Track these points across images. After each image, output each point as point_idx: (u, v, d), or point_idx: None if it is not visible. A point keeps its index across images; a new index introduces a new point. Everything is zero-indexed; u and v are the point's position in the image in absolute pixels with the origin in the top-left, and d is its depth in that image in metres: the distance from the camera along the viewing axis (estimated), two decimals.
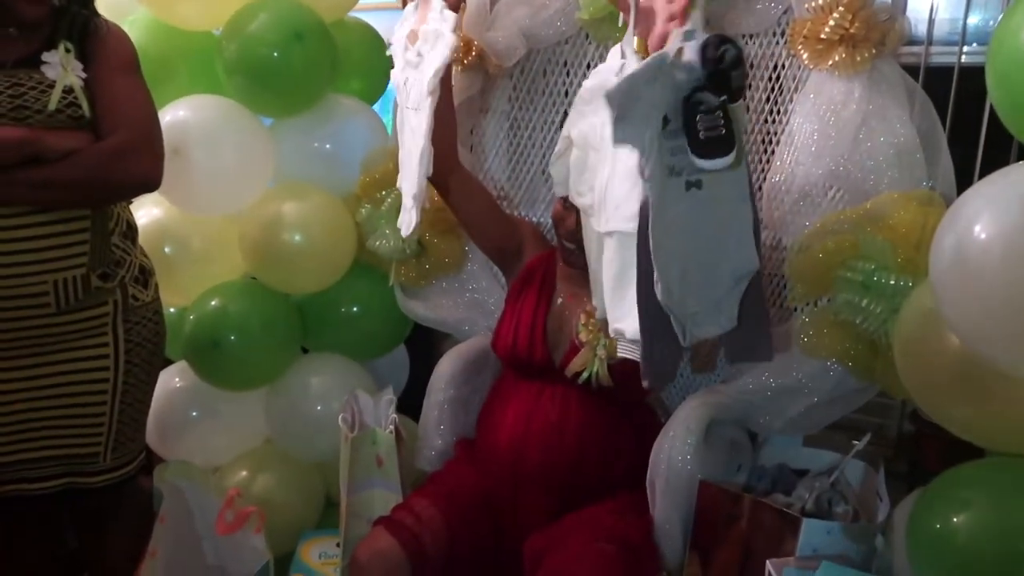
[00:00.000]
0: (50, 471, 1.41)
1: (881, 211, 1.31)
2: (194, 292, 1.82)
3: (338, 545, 1.65)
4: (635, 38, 1.17)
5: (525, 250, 1.57)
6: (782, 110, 1.50)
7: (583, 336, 1.41)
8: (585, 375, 1.40)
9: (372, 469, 1.59)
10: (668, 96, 1.00)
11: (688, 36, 1.01)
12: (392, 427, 1.60)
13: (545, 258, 1.54)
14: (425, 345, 2.23)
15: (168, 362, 1.80)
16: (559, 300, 1.48)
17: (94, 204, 1.33)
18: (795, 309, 1.49)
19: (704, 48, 0.97)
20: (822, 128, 1.38)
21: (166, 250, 1.74)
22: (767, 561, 1.24)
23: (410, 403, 1.80)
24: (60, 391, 1.37)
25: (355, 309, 1.91)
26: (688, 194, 1.03)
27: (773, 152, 1.51)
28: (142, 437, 1.53)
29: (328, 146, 1.84)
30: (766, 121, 1.53)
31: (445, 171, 1.46)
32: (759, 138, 1.55)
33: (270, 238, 1.74)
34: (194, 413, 1.85)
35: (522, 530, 1.39)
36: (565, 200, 1.41)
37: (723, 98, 0.99)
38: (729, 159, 1.01)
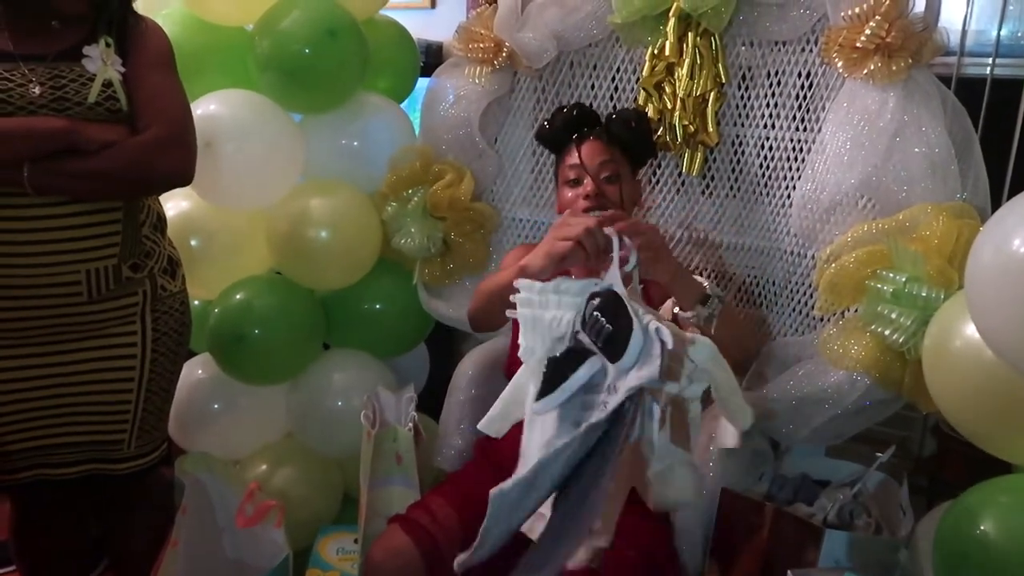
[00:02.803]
0: (74, 457, 1.43)
1: (913, 222, 1.29)
2: (219, 285, 1.83)
3: (356, 541, 1.66)
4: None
5: None
6: (814, 118, 1.49)
7: None
8: None
9: (392, 466, 1.59)
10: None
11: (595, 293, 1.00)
12: (411, 425, 1.61)
13: None
14: (445, 344, 2.23)
15: (191, 354, 1.81)
16: None
17: (128, 196, 1.35)
18: (821, 319, 1.48)
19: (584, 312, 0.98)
20: (855, 137, 1.36)
21: (192, 243, 1.75)
22: (788, 571, 1.23)
23: (430, 402, 1.81)
24: (88, 378, 1.39)
25: (378, 306, 1.92)
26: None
27: (803, 161, 1.50)
28: (165, 426, 1.54)
29: (356, 143, 1.85)
30: (797, 129, 1.52)
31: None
32: (789, 146, 1.54)
33: (297, 233, 1.75)
34: (216, 405, 1.86)
35: None
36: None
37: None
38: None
